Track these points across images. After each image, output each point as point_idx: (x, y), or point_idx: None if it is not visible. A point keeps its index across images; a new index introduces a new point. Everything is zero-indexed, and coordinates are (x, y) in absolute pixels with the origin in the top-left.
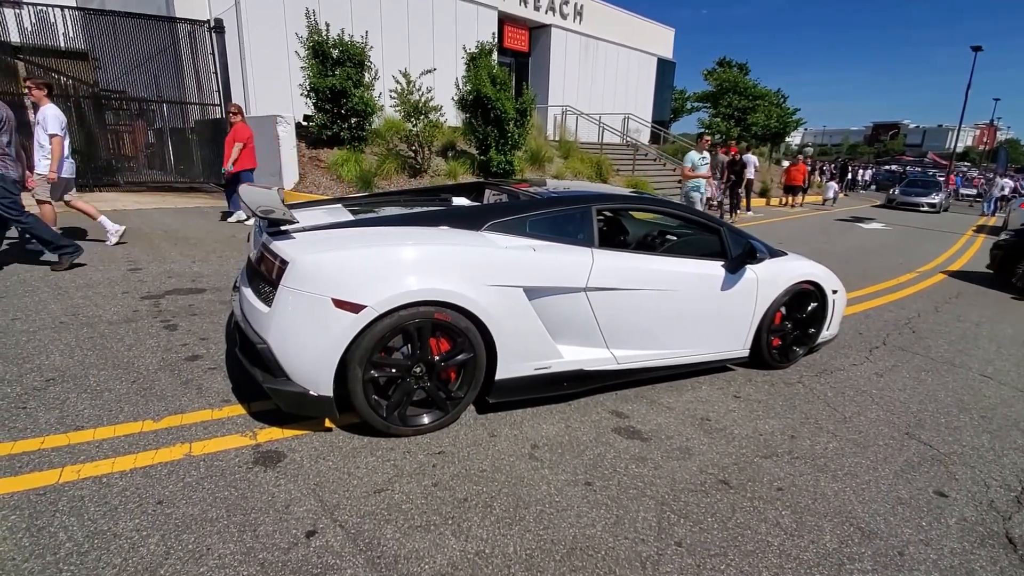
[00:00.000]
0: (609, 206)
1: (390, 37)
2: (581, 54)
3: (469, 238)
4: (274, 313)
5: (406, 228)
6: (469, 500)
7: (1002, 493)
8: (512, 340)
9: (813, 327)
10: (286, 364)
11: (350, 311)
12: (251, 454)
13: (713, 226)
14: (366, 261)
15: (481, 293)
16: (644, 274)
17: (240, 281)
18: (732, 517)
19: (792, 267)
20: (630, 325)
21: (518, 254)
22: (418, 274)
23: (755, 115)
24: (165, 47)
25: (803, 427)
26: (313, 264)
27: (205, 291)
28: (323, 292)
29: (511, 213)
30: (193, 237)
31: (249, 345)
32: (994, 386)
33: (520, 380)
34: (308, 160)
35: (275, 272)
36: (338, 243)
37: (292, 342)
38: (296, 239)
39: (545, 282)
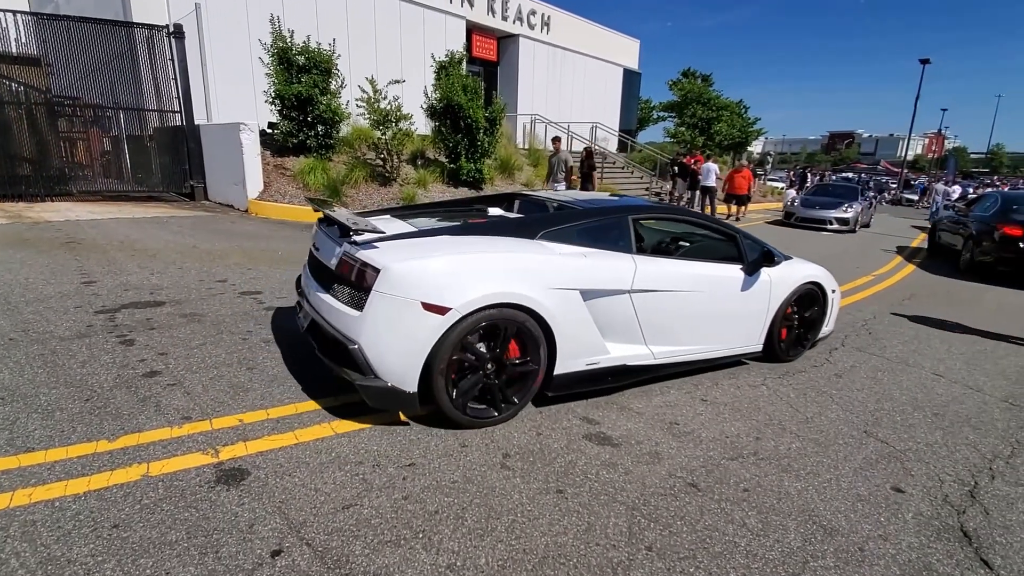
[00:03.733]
0: (641, 216)
1: (357, 44)
2: (549, 64)
3: (530, 246)
4: (366, 316)
5: (473, 237)
6: (440, 512)
7: (956, 488)
8: (569, 338)
9: (816, 323)
10: (377, 363)
11: (437, 313)
12: (213, 472)
13: (730, 233)
14: (449, 267)
15: (545, 295)
16: (677, 277)
17: (310, 287)
18: (700, 519)
19: (798, 269)
20: (665, 323)
21: (573, 260)
22: (494, 278)
23: (719, 125)
24: (122, 52)
25: (767, 428)
26: (404, 271)
27: (164, 304)
28: (413, 296)
29: (560, 223)
30: (151, 248)
31: (334, 346)
32: (945, 384)
33: (573, 375)
34: (273, 168)
35: (366, 279)
36: (421, 251)
37: (383, 343)
38: (381, 248)
39: (597, 284)
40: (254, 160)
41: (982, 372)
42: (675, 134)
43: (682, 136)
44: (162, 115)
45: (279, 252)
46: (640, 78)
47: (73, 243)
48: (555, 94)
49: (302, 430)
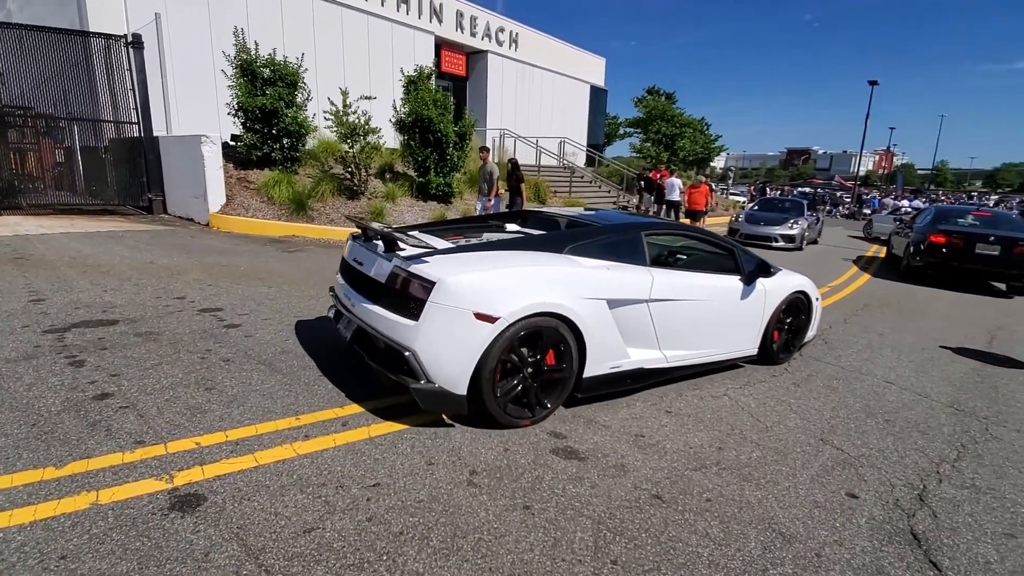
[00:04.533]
0: (651, 231)
1: (325, 57)
2: (518, 80)
3: (561, 260)
4: (422, 325)
5: (510, 252)
6: (405, 533)
7: (906, 492)
8: (597, 343)
9: (803, 329)
10: (430, 368)
11: (487, 322)
12: (166, 499)
13: (727, 246)
14: (496, 280)
15: (579, 304)
16: (687, 287)
17: (352, 299)
18: (665, 531)
19: (788, 280)
20: (677, 330)
21: (599, 272)
22: (535, 289)
23: (682, 141)
24: (77, 62)
25: (729, 438)
26: (458, 283)
27: (118, 323)
28: (466, 306)
29: (584, 239)
30: (105, 264)
31: (386, 353)
32: (896, 391)
33: (598, 378)
34: (236, 181)
35: (420, 291)
36: (470, 265)
37: (437, 349)
38: (432, 262)
39: (621, 294)
40: (216, 173)
41: (930, 379)
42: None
43: (648, 151)
44: (119, 126)
45: (241, 267)
46: (606, 95)
47: (21, 259)
48: (524, 109)
49: (262, 452)
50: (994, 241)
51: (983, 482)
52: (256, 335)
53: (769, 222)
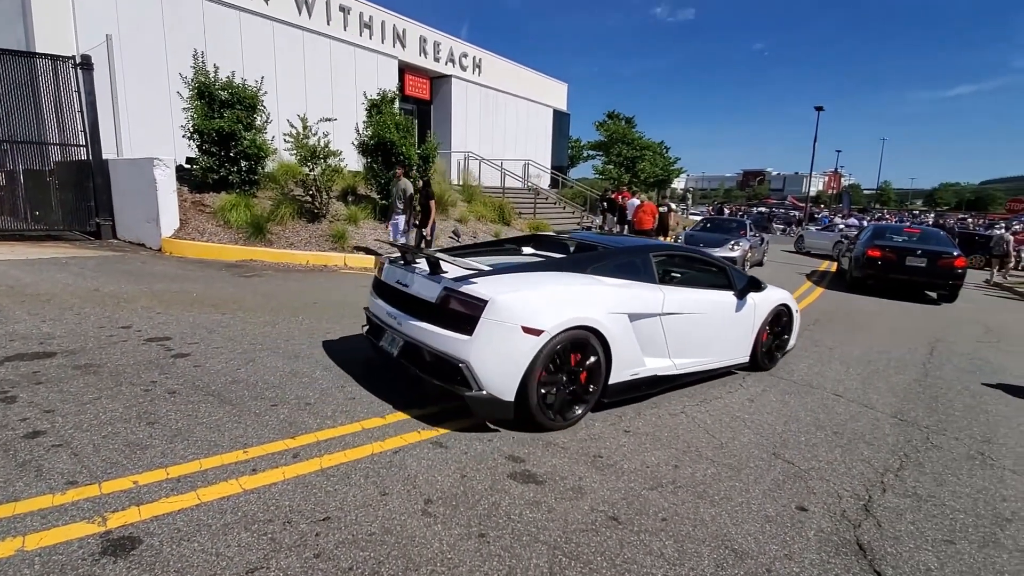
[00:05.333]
0: (656, 252)
1: (287, 80)
2: (482, 103)
3: (588, 279)
4: (475, 339)
5: (543, 273)
6: (355, 569)
7: (852, 503)
8: (621, 353)
9: (786, 337)
10: (483, 377)
11: (534, 335)
12: (98, 543)
13: (720, 265)
14: (540, 297)
15: (606, 318)
16: (692, 302)
17: (398, 318)
18: (620, 553)
19: (773, 294)
20: (684, 340)
21: (621, 289)
22: (572, 305)
23: (642, 163)
24: (21, 83)
25: (685, 456)
26: (507, 301)
27: (55, 355)
28: (515, 321)
29: (603, 260)
30: (46, 293)
31: (439, 365)
32: (844, 403)
33: (621, 384)
34: (191, 205)
35: (473, 308)
36: (514, 285)
37: (489, 360)
38: (479, 283)
39: (640, 309)
40: (169, 196)
41: (875, 391)
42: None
43: (610, 173)
44: (65, 149)
45: (194, 293)
46: (569, 118)
47: None
48: (488, 132)
49: (205, 489)
50: (921, 255)
51: (924, 490)
52: (205, 364)
53: (709, 243)
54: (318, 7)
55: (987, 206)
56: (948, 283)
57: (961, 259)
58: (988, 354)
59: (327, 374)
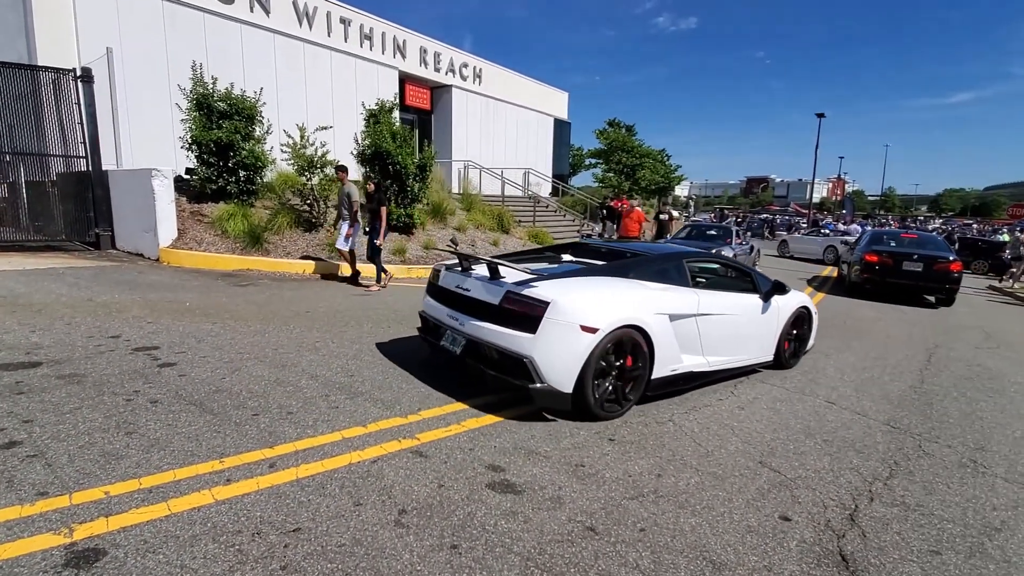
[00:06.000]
0: (688, 259)
1: (287, 91)
2: (482, 113)
3: (632, 283)
4: (539, 337)
5: (591, 277)
6: None
7: (838, 512)
8: (662, 350)
9: (806, 338)
10: (545, 371)
11: (591, 332)
12: (62, 555)
13: (745, 270)
14: (595, 299)
15: (651, 318)
16: (723, 304)
17: (459, 319)
18: (594, 565)
19: (794, 297)
20: (716, 339)
21: (661, 292)
22: (623, 306)
23: (643, 171)
24: (23, 96)
25: (669, 464)
26: (568, 302)
27: (40, 365)
28: (575, 320)
29: (643, 266)
30: (39, 303)
31: (503, 360)
32: (836, 411)
33: (661, 380)
34: (189, 215)
35: (536, 309)
36: (570, 288)
37: (551, 356)
38: (540, 287)
39: (678, 310)
40: (167, 207)
41: (869, 398)
42: (603, 179)
43: (610, 181)
44: (67, 160)
45: (187, 303)
46: (570, 127)
47: None
48: (489, 141)
49: (177, 499)
50: (917, 259)
51: (913, 499)
52: (191, 374)
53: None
54: (319, 19)
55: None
56: (945, 287)
57: (957, 263)
58: (987, 360)
59: (312, 383)
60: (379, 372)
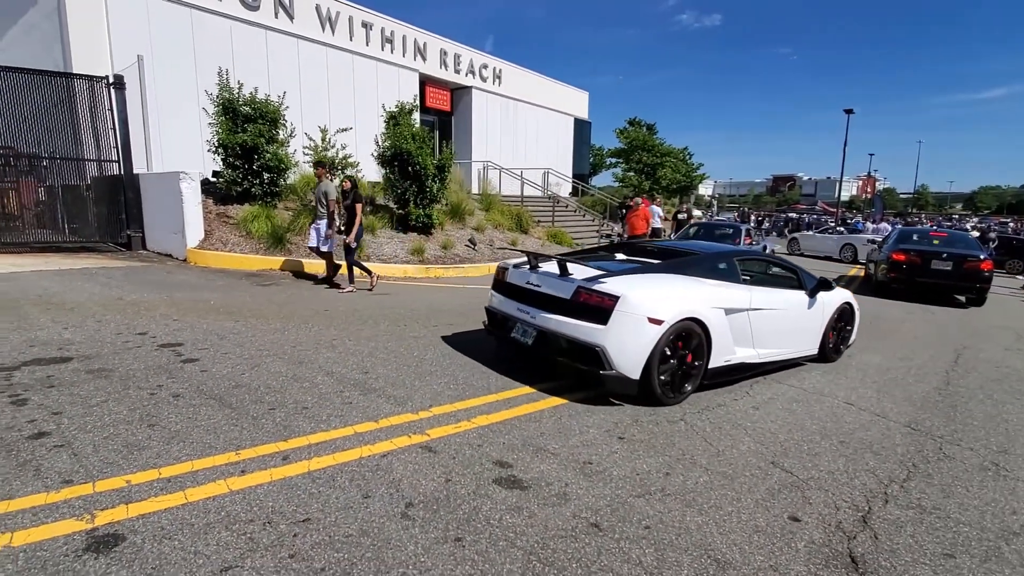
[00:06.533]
0: (739, 257)
1: (310, 94)
2: (502, 113)
3: (690, 280)
4: (610, 328)
5: (652, 274)
6: (327, 570)
7: (850, 514)
8: (718, 341)
9: (848, 333)
10: (615, 359)
11: (656, 324)
12: (83, 540)
13: (791, 267)
14: (660, 293)
15: (708, 312)
16: (772, 299)
17: (530, 312)
18: (597, 560)
19: (838, 293)
20: (765, 333)
21: (717, 288)
22: (684, 300)
23: (663, 170)
24: (60, 102)
25: (679, 463)
26: (636, 296)
27: (71, 360)
28: (643, 313)
29: (698, 264)
30: (71, 302)
31: (575, 349)
32: (855, 412)
33: (716, 369)
34: (215, 217)
35: (607, 302)
36: (637, 283)
37: (621, 345)
38: (608, 283)
39: (733, 304)
40: (194, 209)
41: (891, 399)
42: (623, 179)
43: (630, 181)
44: (100, 164)
45: (211, 302)
46: (590, 127)
47: None
48: (509, 142)
49: (194, 489)
50: (946, 258)
51: (929, 502)
52: (212, 369)
53: None
54: (341, 24)
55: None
56: (975, 286)
57: (988, 262)
58: (1017, 362)
59: (327, 379)
60: (392, 369)
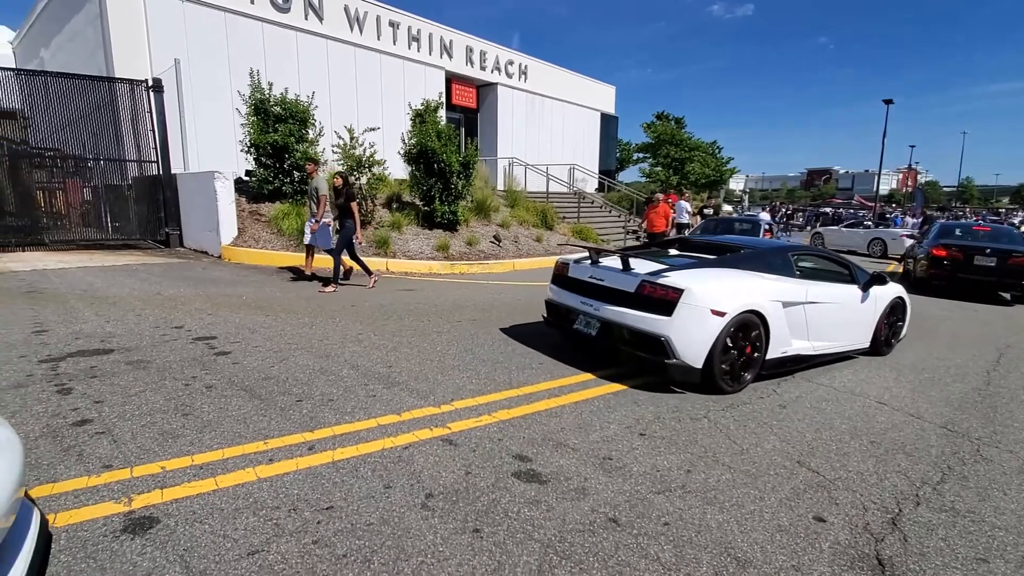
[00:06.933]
0: (793, 252)
1: (339, 94)
2: (527, 109)
3: (748, 274)
4: (674, 319)
5: (711, 268)
6: (348, 556)
7: (878, 516)
8: (776, 333)
9: (900, 327)
10: (679, 349)
11: (719, 316)
12: (121, 521)
13: (843, 262)
14: (721, 287)
15: (768, 305)
16: (827, 293)
17: (593, 305)
18: (614, 555)
19: (891, 288)
20: (820, 326)
21: (774, 282)
22: (744, 293)
23: (691, 164)
24: (102, 105)
25: (700, 461)
26: (700, 289)
27: (113, 352)
28: (706, 305)
29: (753, 259)
30: (113, 296)
31: (640, 339)
32: (888, 412)
33: (773, 360)
34: (248, 215)
35: (672, 295)
36: (699, 277)
37: (685, 336)
38: (672, 276)
39: (789, 298)
40: (228, 207)
41: (926, 399)
42: (650, 174)
43: (657, 176)
44: (141, 165)
45: (244, 297)
46: (617, 121)
47: (34, 293)
48: (534, 138)
49: (224, 476)
50: (990, 253)
51: (964, 505)
52: (243, 362)
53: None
54: (369, 24)
55: None
56: (1021, 283)
57: None
58: None
59: (353, 372)
60: (416, 364)
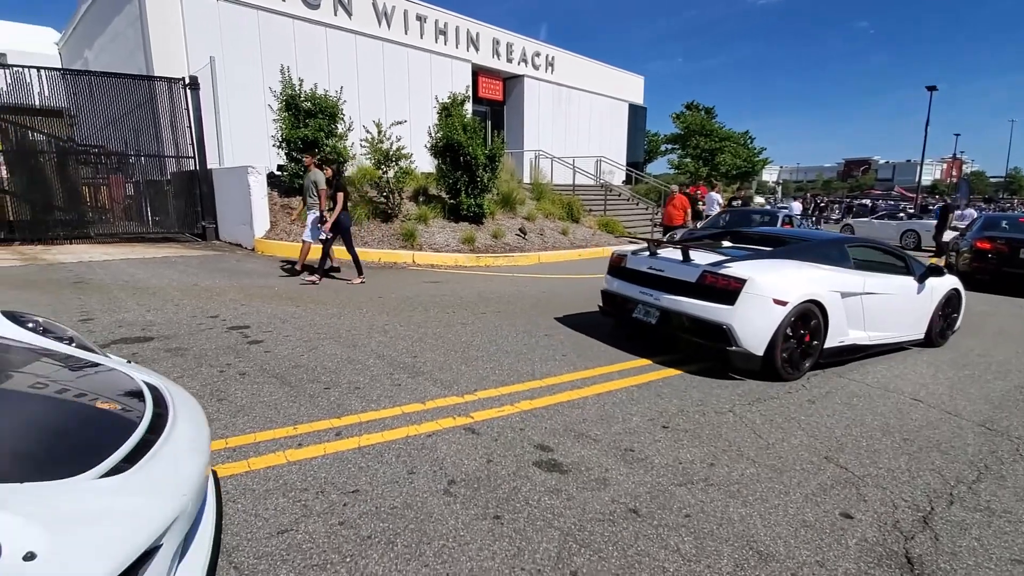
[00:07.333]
0: (849, 244)
1: (367, 88)
2: (554, 101)
3: (807, 265)
4: (737, 308)
5: (770, 259)
6: (373, 537)
7: (909, 513)
8: (834, 323)
9: (955, 319)
10: (741, 337)
11: (781, 305)
12: None
13: (899, 254)
14: (782, 277)
15: (826, 295)
16: (883, 285)
17: (653, 294)
18: (634, 545)
19: (947, 280)
20: (876, 316)
21: (832, 273)
22: (805, 283)
23: (722, 155)
24: (143, 103)
25: (724, 454)
26: (763, 279)
27: (153, 339)
28: (768, 294)
29: (812, 250)
30: (154, 287)
31: (701, 327)
32: (923, 409)
33: (831, 349)
34: (280, 208)
35: (734, 285)
36: (760, 268)
37: (748, 324)
38: (734, 267)
39: (847, 289)
40: (261, 201)
41: (965, 397)
42: (679, 165)
43: (686, 167)
44: (179, 160)
45: (276, 288)
46: (646, 112)
47: (81, 283)
48: (561, 130)
49: (256, 458)
50: None
51: (1000, 505)
52: (275, 350)
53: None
54: (396, 18)
55: None
56: None
57: None
58: None
59: (379, 362)
60: (440, 354)
